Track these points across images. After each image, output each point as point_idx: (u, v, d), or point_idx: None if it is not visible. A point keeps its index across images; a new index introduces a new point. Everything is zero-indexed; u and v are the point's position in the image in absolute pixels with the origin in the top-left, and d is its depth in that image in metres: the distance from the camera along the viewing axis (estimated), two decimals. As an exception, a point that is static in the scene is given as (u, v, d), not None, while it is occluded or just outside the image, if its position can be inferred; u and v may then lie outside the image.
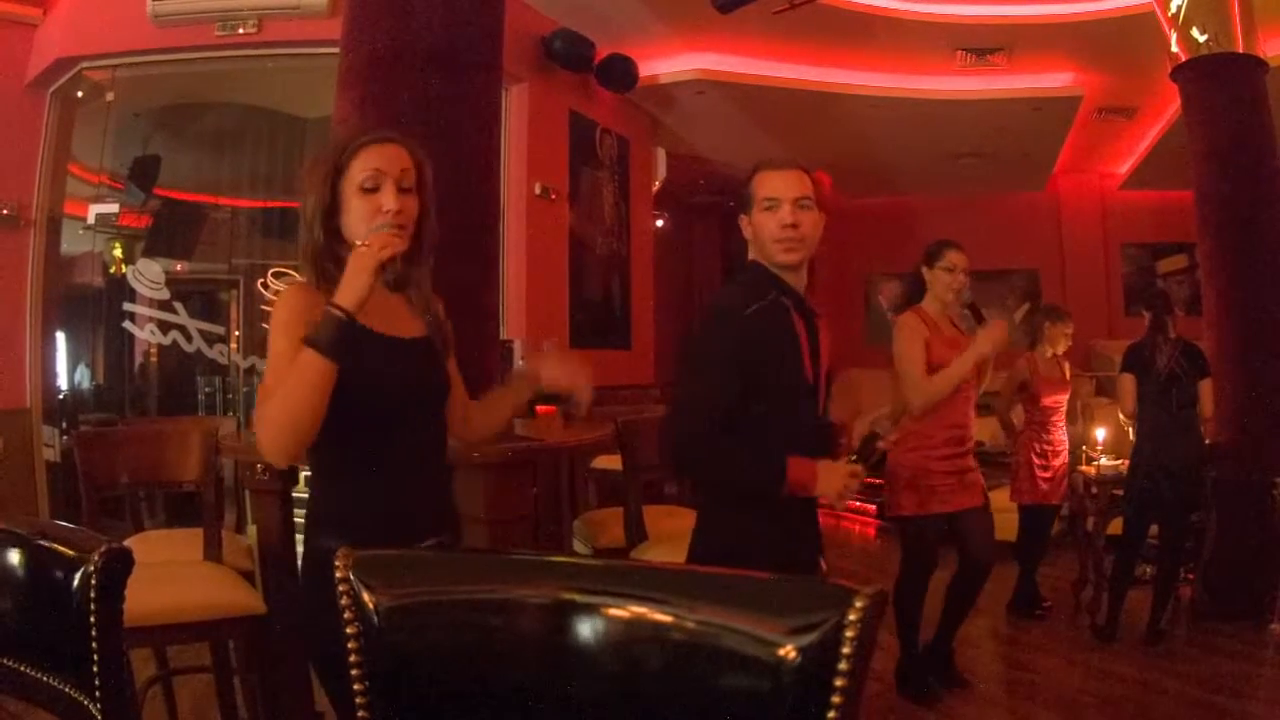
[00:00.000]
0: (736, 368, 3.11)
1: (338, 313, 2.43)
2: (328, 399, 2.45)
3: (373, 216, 2.58)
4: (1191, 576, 7.42)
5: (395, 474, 2.63)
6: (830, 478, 3.13)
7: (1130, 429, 7.22)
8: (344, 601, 1.35)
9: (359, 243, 2.51)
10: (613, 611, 1.25)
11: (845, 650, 1.11)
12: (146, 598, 3.37)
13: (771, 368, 3.15)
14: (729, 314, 3.20)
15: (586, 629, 1.25)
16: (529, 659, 1.29)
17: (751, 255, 3.39)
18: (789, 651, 1.13)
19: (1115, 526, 7.12)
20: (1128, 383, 6.86)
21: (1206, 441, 6.88)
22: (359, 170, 2.62)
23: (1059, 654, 6.56)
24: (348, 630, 1.35)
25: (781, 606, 1.18)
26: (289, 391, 2.43)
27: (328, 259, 2.65)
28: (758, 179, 3.35)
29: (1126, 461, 6.99)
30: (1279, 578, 6.98)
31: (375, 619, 1.34)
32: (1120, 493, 7.03)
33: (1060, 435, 7.42)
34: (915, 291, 5.74)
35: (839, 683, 1.11)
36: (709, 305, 3.34)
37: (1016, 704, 5.62)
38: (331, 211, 2.64)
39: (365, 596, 1.34)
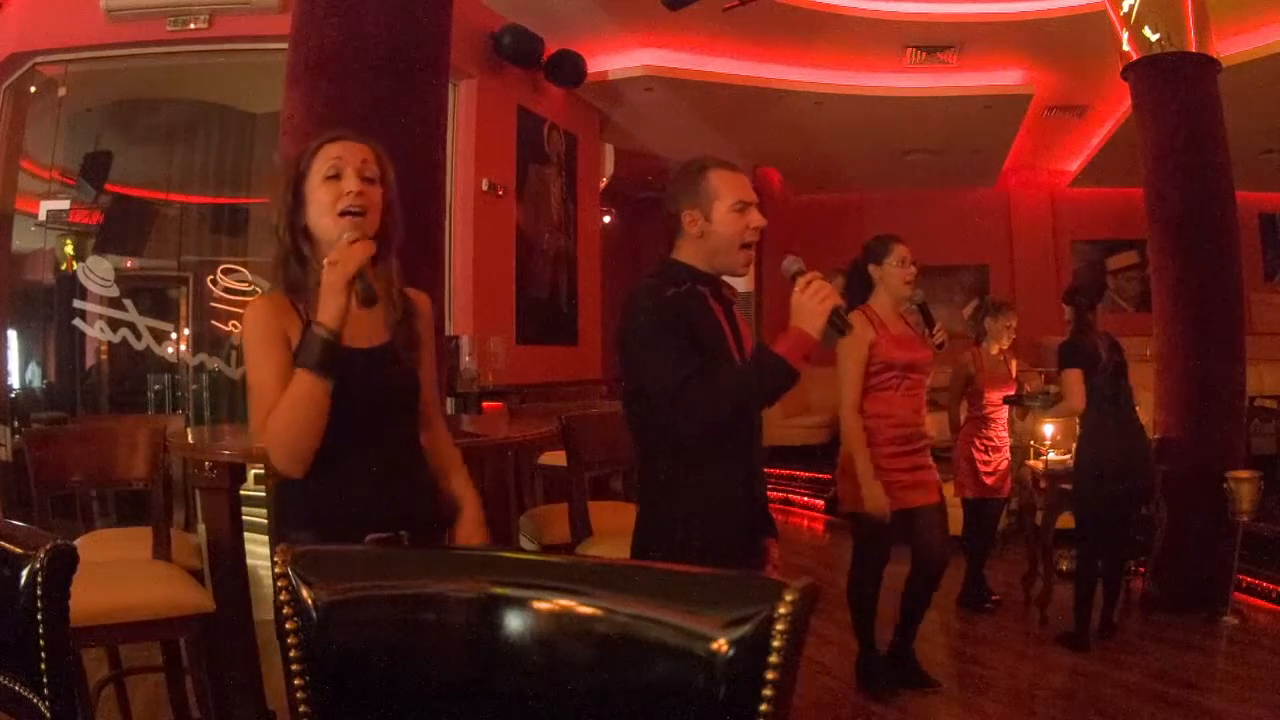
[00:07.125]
0: (681, 335, 3.09)
1: (322, 332, 2.51)
2: (327, 410, 2.55)
3: (336, 202, 2.64)
4: (1142, 569, 7.48)
5: (353, 480, 2.67)
6: (804, 312, 3.02)
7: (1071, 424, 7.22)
8: (283, 597, 1.36)
9: (327, 260, 2.55)
10: (542, 606, 1.26)
11: (776, 643, 1.13)
12: (96, 597, 3.36)
13: (700, 348, 3.12)
14: (650, 296, 3.19)
15: (516, 623, 1.26)
16: (459, 653, 1.31)
17: (683, 252, 3.33)
18: (721, 645, 1.15)
19: (1064, 521, 7.07)
20: (1077, 379, 6.44)
21: (1154, 436, 6.87)
22: (320, 164, 2.69)
23: (1010, 647, 6.60)
24: (287, 626, 1.35)
25: (713, 600, 1.20)
26: (290, 413, 2.54)
27: (295, 260, 2.72)
28: (721, 177, 3.29)
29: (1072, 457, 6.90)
30: (1231, 570, 7.05)
31: (314, 614, 1.34)
32: (1068, 487, 6.85)
33: (1002, 431, 7.43)
34: (859, 289, 5.61)
35: (770, 675, 1.13)
36: (628, 297, 3.26)
37: (969, 697, 5.63)
38: (296, 211, 2.70)
39: (304, 593, 1.35)
